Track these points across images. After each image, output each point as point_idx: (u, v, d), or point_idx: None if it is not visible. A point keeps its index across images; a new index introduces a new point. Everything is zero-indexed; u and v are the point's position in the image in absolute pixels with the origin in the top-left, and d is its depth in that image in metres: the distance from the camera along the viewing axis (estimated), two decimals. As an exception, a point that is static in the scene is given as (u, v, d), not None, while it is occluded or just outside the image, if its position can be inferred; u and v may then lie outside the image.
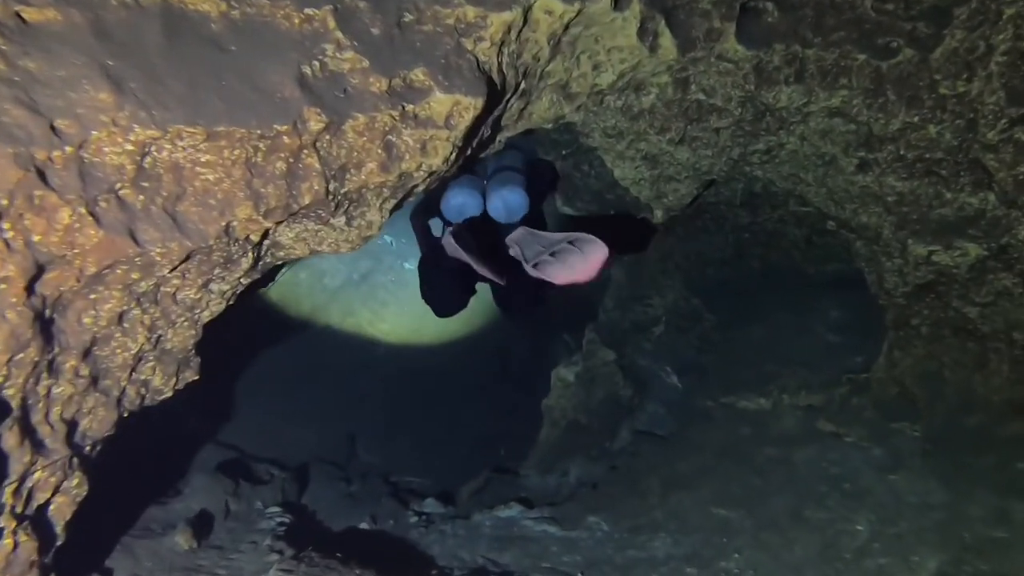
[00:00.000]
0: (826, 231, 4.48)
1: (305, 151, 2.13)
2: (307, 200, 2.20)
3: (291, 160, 2.11)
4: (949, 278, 3.29)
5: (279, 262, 2.48)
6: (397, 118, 2.26)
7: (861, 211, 3.41)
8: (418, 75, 2.23)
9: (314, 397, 5.06)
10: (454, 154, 2.50)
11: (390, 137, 2.30)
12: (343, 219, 2.45)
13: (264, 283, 2.99)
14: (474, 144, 2.79)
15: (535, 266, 2.80)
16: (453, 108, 2.34)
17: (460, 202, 3.18)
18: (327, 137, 2.17)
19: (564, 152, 4.66)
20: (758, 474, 3.82)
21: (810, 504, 3.51)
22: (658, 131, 3.47)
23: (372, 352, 5.81)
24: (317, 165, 2.17)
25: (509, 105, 2.93)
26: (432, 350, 6.08)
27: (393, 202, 2.58)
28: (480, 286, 3.16)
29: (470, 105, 2.36)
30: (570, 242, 2.71)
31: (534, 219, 3.22)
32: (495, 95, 2.54)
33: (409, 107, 2.27)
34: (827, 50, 2.92)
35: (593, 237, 2.59)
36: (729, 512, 3.66)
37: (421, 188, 2.76)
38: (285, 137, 2.05)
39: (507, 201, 3.11)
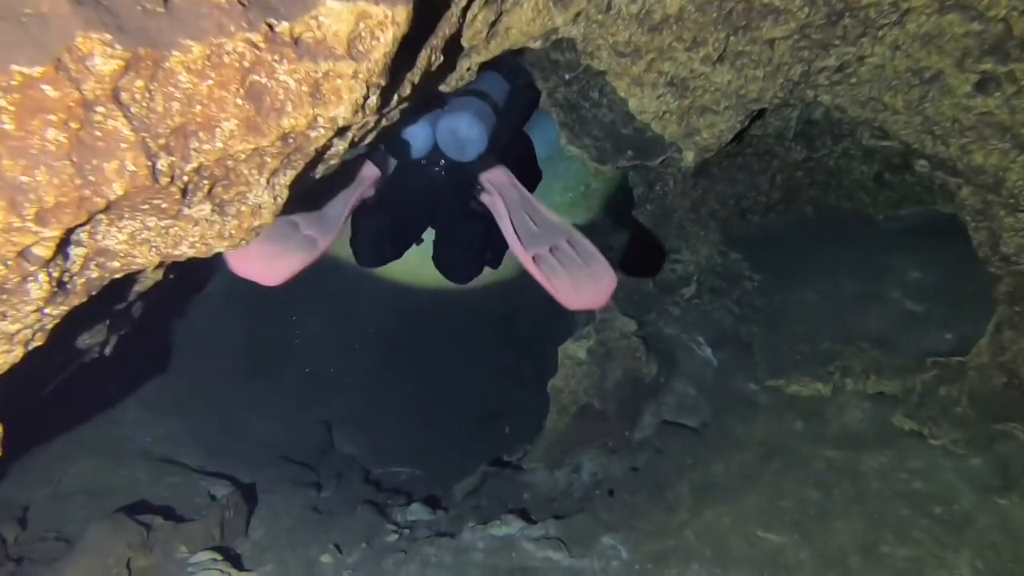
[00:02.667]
0: (903, 167, 3.51)
1: (99, 108, 1.27)
2: (119, 187, 1.35)
3: (72, 125, 1.25)
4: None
5: (120, 274, 1.66)
6: (262, 45, 1.38)
7: (975, 148, 2.46)
8: (289, -31, 1.34)
9: (284, 379, 4.35)
10: (373, 98, 1.62)
11: (255, 77, 1.42)
12: (207, 207, 1.61)
13: (121, 300, 2.19)
14: (416, 78, 1.89)
15: (534, 259, 2.21)
16: (359, 26, 1.45)
17: (407, 134, 2.59)
18: (139, 83, 1.30)
19: (567, 76, 3.69)
20: (816, 485, 3.04)
21: (887, 534, 2.73)
22: (689, 46, 2.51)
23: (353, 319, 5.02)
24: (126, 130, 1.32)
25: (470, 17, 2.01)
26: (422, 312, 5.26)
27: (292, 174, 1.72)
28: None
29: (386, 19, 1.46)
30: (569, 243, 2.25)
31: (505, 159, 2.72)
32: (434, 2, 1.64)
33: (282, 26, 1.39)
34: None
35: (599, 255, 2.17)
36: (780, 537, 2.91)
37: (342, 148, 1.90)
38: (47, 87, 1.19)
39: (458, 133, 2.55)
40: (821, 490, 3.01)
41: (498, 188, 2.51)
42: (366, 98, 1.60)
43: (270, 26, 1.38)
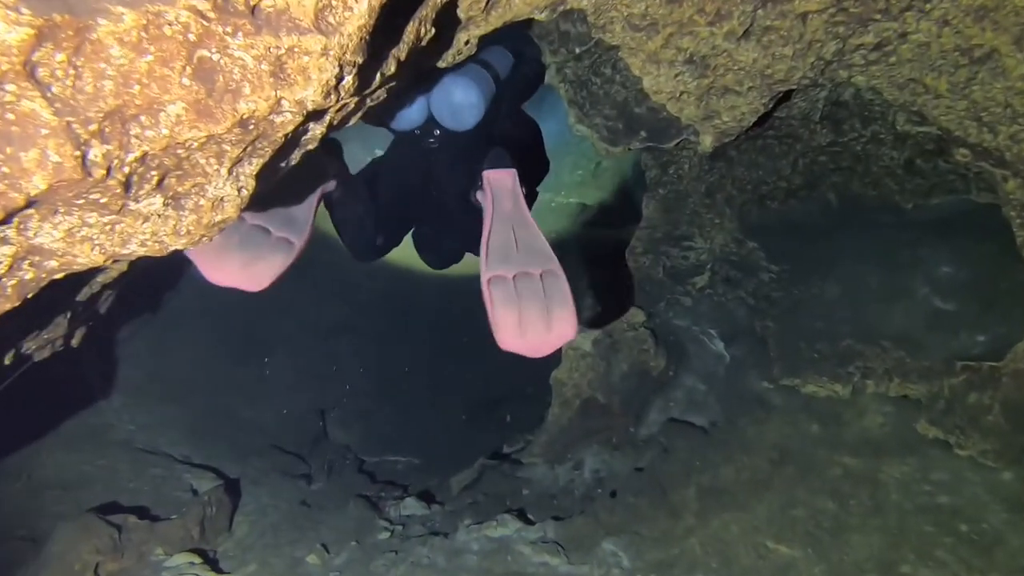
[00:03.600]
0: (936, 153, 3.26)
1: (8, 86, 1.07)
2: (41, 181, 1.16)
3: (-24, 110, 1.05)
4: None
5: (61, 274, 1.46)
6: (211, 15, 1.17)
7: (1026, 139, 2.22)
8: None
9: (276, 363, 4.18)
10: (348, 78, 1.40)
11: (205, 53, 1.20)
12: (158, 201, 1.41)
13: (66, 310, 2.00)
14: (402, 54, 1.67)
15: (490, 280, 1.97)
16: (328, -8, 1.23)
17: (400, 103, 2.36)
18: (59, 57, 1.09)
19: (577, 50, 3.44)
20: (832, 495, 2.86)
21: (908, 552, 2.55)
22: (711, 20, 2.27)
23: (350, 301, 4.81)
24: (46, 113, 1.11)
25: (467, -16, 1.78)
26: (422, 295, 5.05)
27: (259, 163, 1.51)
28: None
29: (360, -16, 1.24)
30: (543, 276, 1.98)
31: (507, 144, 2.47)
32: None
33: (235, -9, 1.17)
34: None
35: (569, 302, 1.90)
36: (791, 550, 2.74)
37: (319, 133, 1.68)
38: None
39: (452, 97, 2.34)
40: (837, 500, 2.83)
41: (495, 193, 2.24)
42: (340, 79, 1.38)
43: (221, -9, 1.16)
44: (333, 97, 1.42)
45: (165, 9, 1.13)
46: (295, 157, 1.76)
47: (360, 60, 1.40)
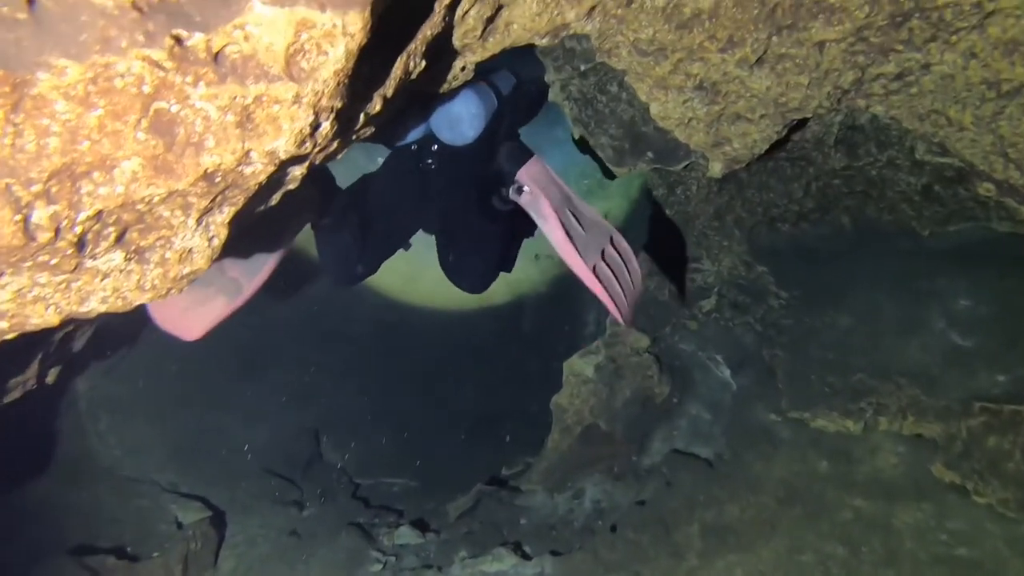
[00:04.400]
0: (957, 180, 3.13)
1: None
2: (-23, 248, 1.05)
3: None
4: None
5: (13, 334, 1.36)
6: (167, 65, 1.05)
7: (1058, 179, 2.08)
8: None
9: (270, 381, 4.07)
10: (326, 124, 1.29)
11: (163, 105, 1.09)
12: (118, 257, 1.30)
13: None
14: (390, 91, 1.55)
15: (594, 270, 1.96)
16: (300, 38, 1.12)
17: (397, 122, 2.27)
18: (-6, 117, 0.98)
19: (582, 67, 3.32)
20: (842, 540, 2.74)
21: (923, 608, 2.42)
22: (723, 46, 2.14)
23: (347, 313, 4.69)
24: (-19, 177, 1.00)
25: (460, 13, 1.66)
26: (420, 315, 4.94)
27: (231, 211, 1.40)
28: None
29: (335, 29, 1.13)
30: (612, 244, 2.06)
31: (498, 147, 2.41)
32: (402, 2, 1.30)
33: (194, 40, 1.07)
34: None
35: (635, 259, 2.00)
36: (800, 600, 2.61)
37: (299, 174, 1.57)
38: None
39: (451, 110, 2.25)
40: (847, 546, 2.70)
41: (540, 186, 2.17)
42: (316, 126, 1.27)
43: (178, 40, 1.05)
44: (309, 144, 1.31)
45: (115, 60, 1.02)
46: (275, 199, 1.65)
47: (339, 104, 1.28)
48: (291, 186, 1.64)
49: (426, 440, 4.48)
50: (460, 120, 2.27)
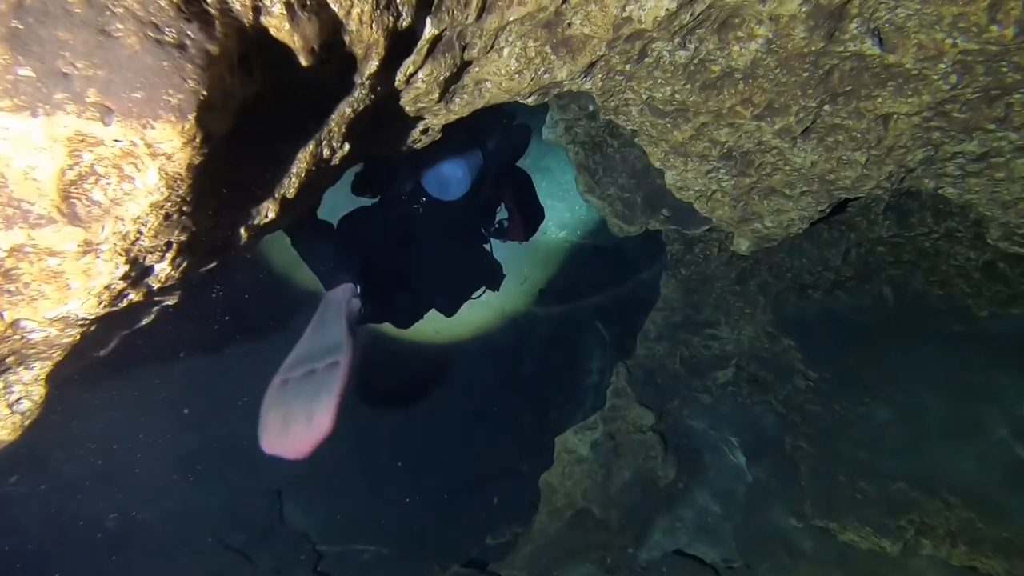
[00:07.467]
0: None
1: None
2: None
3: None
4: None
5: None
6: None
7: None
8: None
9: (227, 436, 3.64)
10: (164, 263, 0.86)
11: None
12: None
13: None
14: (290, 191, 1.11)
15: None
16: (77, 162, 0.69)
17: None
18: None
19: (590, 107, 2.88)
20: None
21: None
22: (761, 112, 1.69)
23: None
24: None
25: (401, 77, 1.22)
26: (406, 348, 4.46)
27: (45, 366, 0.97)
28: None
29: (135, 150, 0.69)
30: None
31: (501, 195, 2.77)
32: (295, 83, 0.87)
33: None
34: None
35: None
36: None
37: (172, 301, 1.14)
38: None
39: (441, 175, 2.48)
40: None
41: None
42: (142, 272, 0.84)
43: None
44: (137, 294, 0.87)
45: None
46: (151, 315, 1.22)
47: (183, 237, 0.85)
48: (170, 301, 1.21)
49: (403, 500, 4.05)
50: (448, 184, 2.46)
